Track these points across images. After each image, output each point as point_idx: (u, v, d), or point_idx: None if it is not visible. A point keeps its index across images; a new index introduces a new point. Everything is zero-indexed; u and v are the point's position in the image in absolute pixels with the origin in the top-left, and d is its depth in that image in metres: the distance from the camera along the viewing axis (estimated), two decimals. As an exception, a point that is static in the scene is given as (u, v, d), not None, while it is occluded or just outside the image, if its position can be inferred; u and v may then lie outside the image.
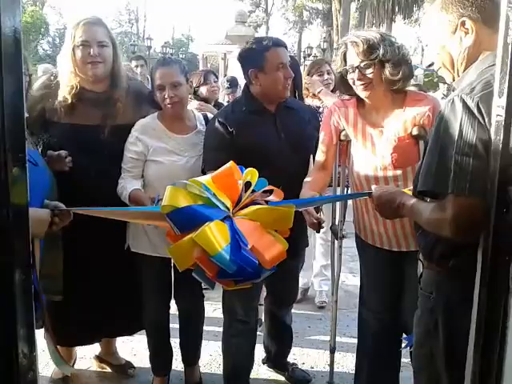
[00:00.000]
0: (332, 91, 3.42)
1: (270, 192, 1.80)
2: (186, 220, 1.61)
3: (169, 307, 2.46)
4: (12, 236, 0.89)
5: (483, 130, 1.13)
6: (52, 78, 2.33)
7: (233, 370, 2.40)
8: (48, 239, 1.84)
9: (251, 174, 1.77)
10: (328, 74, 3.51)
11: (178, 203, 1.62)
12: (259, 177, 1.78)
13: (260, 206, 1.71)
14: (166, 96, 2.21)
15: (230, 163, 1.76)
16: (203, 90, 3.77)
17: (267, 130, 2.20)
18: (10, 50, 0.84)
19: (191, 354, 2.57)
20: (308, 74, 3.57)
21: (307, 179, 2.11)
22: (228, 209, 1.67)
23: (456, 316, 1.28)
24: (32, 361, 0.95)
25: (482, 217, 1.03)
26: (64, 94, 2.23)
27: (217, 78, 4.10)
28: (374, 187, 1.67)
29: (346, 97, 2.19)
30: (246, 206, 1.72)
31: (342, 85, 2.10)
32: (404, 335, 2.06)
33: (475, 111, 1.15)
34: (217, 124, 2.18)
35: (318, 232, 1.97)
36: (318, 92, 3.36)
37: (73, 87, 2.23)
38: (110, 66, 2.28)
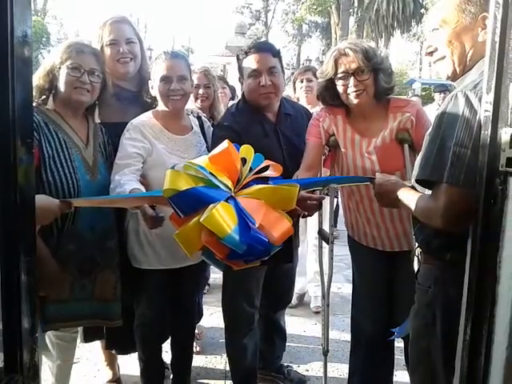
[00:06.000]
0: None
1: (267, 168, 1.77)
2: (190, 202, 1.57)
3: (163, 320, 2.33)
4: (18, 217, 0.93)
5: None
6: None
7: (242, 372, 2.37)
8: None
9: (246, 151, 1.74)
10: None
11: (179, 186, 1.58)
12: None
13: (263, 185, 1.68)
14: (172, 88, 2.06)
15: (226, 142, 1.70)
16: None
17: (270, 140, 2.16)
18: (20, 50, 0.92)
19: (181, 363, 2.46)
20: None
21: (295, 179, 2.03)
22: (229, 189, 1.64)
23: (454, 308, 1.28)
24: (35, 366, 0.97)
25: (472, 207, 1.06)
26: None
27: (227, 85, 4.03)
28: (377, 174, 1.69)
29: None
30: (247, 184, 1.69)
31: (326, 93, 2.07)
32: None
33: (476, 106, 1.18)
34: (225, 124, 2.15)
35: (316, 210, 1.97)
36: None
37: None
38: (140, 63, 2.29)
